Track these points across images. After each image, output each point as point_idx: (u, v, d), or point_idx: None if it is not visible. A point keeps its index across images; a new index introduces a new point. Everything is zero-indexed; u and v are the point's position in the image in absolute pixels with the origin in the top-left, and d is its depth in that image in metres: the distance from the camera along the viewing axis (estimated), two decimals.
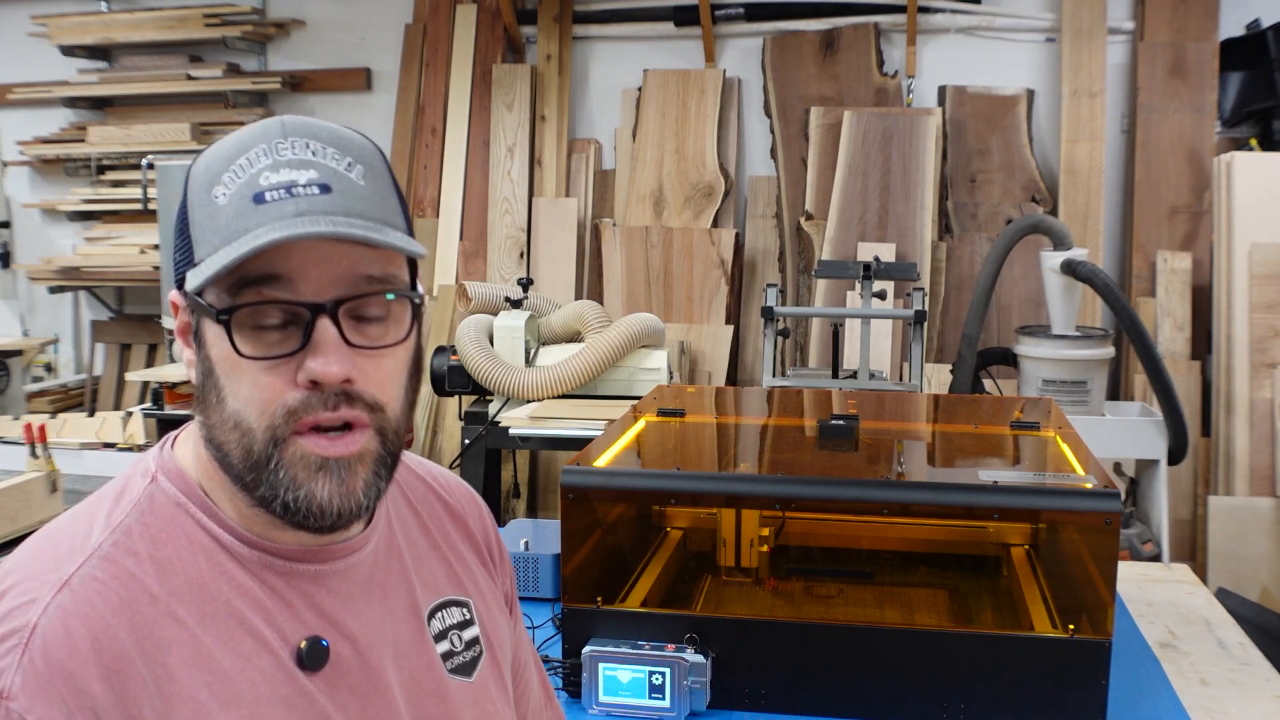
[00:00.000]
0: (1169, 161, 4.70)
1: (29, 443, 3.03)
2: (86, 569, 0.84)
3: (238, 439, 0.86)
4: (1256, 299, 4.04)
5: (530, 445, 3.76)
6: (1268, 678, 1.81)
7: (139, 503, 0.89)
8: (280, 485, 0.86)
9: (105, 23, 5.66)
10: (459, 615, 1.03)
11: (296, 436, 0.85)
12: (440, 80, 5.32)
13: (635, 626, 1.69)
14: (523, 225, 5.16)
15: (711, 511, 1.92)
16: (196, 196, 0.87)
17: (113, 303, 6.02)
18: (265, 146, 0.86)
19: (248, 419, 0.85)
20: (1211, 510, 3.95)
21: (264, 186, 0.84)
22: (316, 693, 0.89)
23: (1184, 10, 4.69)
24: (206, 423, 0.88)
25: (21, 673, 0.80)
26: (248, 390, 0.85)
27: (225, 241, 0.83)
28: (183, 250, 0.88)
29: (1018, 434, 2.07)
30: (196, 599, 0.87)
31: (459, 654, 1.02)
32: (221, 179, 0.85)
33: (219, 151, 0.88)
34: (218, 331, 0.85)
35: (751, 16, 5.10)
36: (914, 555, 1.98)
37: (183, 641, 0.85)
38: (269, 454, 0.85)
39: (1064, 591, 1.70)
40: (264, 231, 0.82)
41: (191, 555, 0.88)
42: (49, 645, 0.81)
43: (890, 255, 4.53)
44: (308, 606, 0.91)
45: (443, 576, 1.04)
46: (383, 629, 0.96)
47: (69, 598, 0.83)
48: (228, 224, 0.84)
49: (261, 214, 0.83)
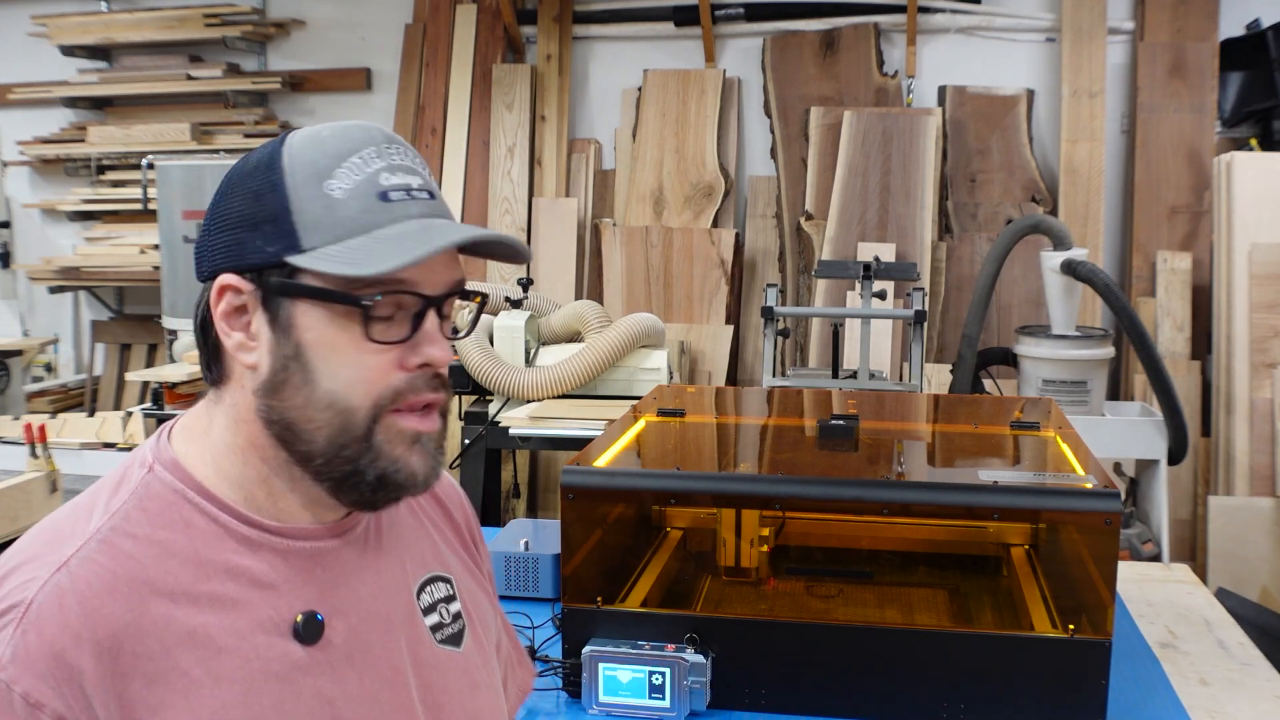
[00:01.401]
0: (1169, 161, 4.70)
1: (29, 443, 3.03)
2: (85, 551, 0.88)
3: (330, 418, 0.91)
4: (1256, 299, 4.04)
5: (530, 445, 3.76)
6: (1268, 678, 1.81)
7: (137, 490, 0.93)
8: (379, 458, 0.92)
9: (105, 23, 5.66)
10: (444, 590, 1.08)
11: (393, 414, 0.92)
12: (440, 80, 5.32)
13: (635, 626, 1.69)
14: (523, 225, 5.16)
15: (711, 511, 1.92)
16: (302, 187, 0.91)
17: (113, 303, 6.03)
18: (375, 150, 0.92)
19: (348, 399, 0.91)
20: (1211, 510, 3.95)
21: (386, 186, 0.91)
22: (312, 665, 0.93)
23: (1184, 10, 4.70)
24: (276, 405, 0.92)
25: (13, 646, 0.83)
26: (350, 372, 0.91)
27: (354, 233, 0.89)
28: (270, 236, 0.91)
29: (1018, 434, 2.07)
30: (193, 578, 0.90)
31: (447, 626, 1.06)
32: (334, 173, 0.91)
33: (319, 147, 0.92)
34: (326, 315, 0.90)
35: (751, 16, 5.10)
36: (914, 555, 1.98)
37: (178, 619, 0.88)
38: (369, 429, 0.91)
39: (1064, 591, 1.70)
40: (414, 227, 0.90)
41: (189, 538, 0.91)
42: (42, 621, 0.84)
43: (890, 255, 4.53)
44: (305, 583, 0.95)
45: (429, 554, 1.09)
46: (376, 603, 1.00)
47: (66, 577, 0.86)
48: (354, 217, 0.90)
49: (390, 211, 0.90)
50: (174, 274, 4.57)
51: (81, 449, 3.71)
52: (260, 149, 0.96)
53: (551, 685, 1.70)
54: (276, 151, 0.94)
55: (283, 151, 0.93)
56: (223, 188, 0.95)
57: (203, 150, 5.39)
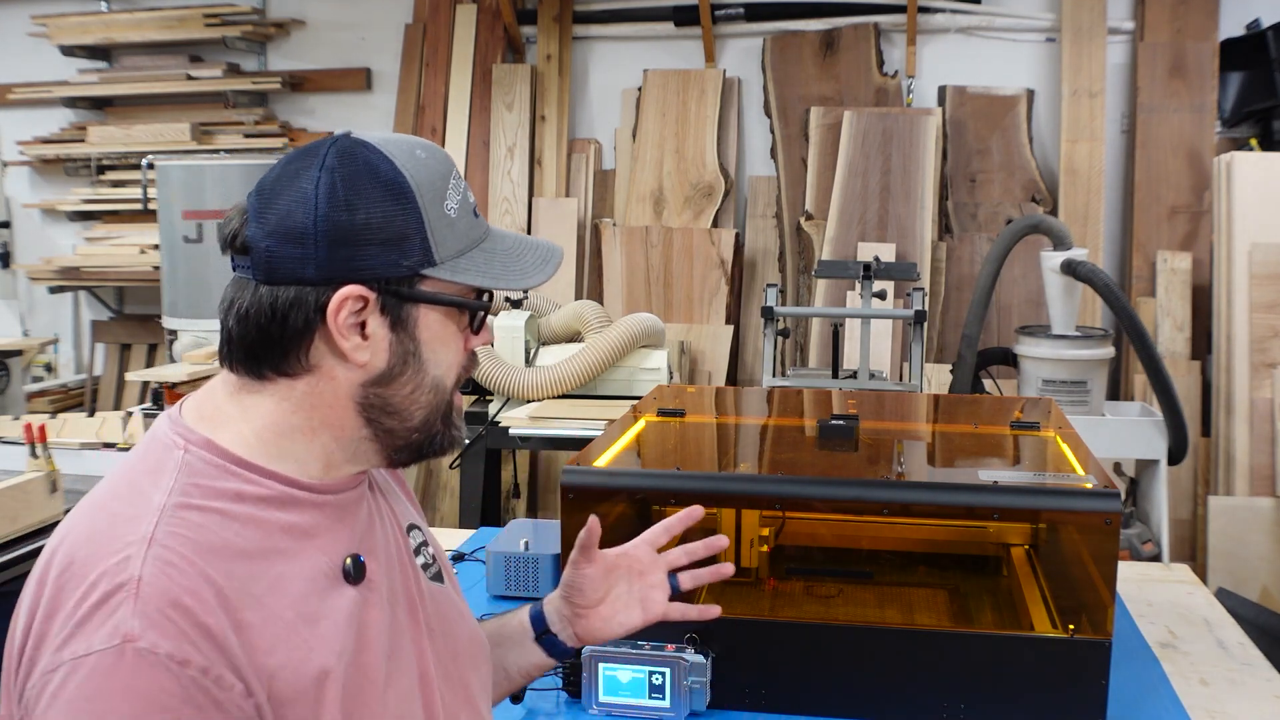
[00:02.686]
0: (1169, 161, 4.70)
1: (29, 443, 3.03)
2: (163, 525, 0.94)
3: (433, 398, 1.06)
4: (1256, 299, 4.04)
5: (530, 445, 3.76)
6: (1268, 678, 1.81)
7: (181, 469, 0.99)
8: (450, 428, 1.09)
9: (105, 23, 5.66)
10: (420, 536, 1.20)
11: (456, 392, 1.10)
12: (440, 80, 5.32)
13: None
14: (523, 225, 5.16)
15: (711, 511, 1.92)
16: (431, 207, 1.02)
17: (113, 303, 6.03)
18: (455, 171, 1.06)
19: (446, 381, 1.07)
20: (1211, 510, 3.95)
21: (472, 203, 1.08)
22: (364, 602, 1.03)
23: (1184, 10, 4.69)
24: (386, 391, 1.04)
25: (139, 617, 0.88)
26: (451, 358, 1.07)
27: (469, 246, 1.05)
28: (407, 250, 1.01)
29: (1018, 434, 2.07)
30: (257, 537, 0.97)
31: (431, 566, 1.19)
32: (446, 194, 1.04)
33: (428, 169, 1.03)
34: (440, 314, 1.04)
35: (751, 16, 5.10)
36: (914, 555, 1.98)
37: (259, 573, 0.96)
38: (449, 406, 1.09)
39: (1064, 591, 1.70)
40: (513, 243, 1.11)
41: (241, 505, 0.98)
42: (159, 589, 0.90)
43: (890, 255, 4.53)
44: (342, 529, 1.05)
45: (403, 504, 1.22)
46: (390, 544, 1.12)
47: (160, 550, 0.92)
48: (466, 232, 1.05)
49: (480, 225, 1.08)
50: (174, 274, 4.57)
51: (81, 449, 3.69)
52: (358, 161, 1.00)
53: (551, 685, 1.70)
54: (393, 169, 1.00)
55: (399, 170, 1.01)
56: (326, 201, 0.98)
57: (203, 150, 5.39)
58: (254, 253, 0.99)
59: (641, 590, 1.35)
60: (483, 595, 2.09)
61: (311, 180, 0.98)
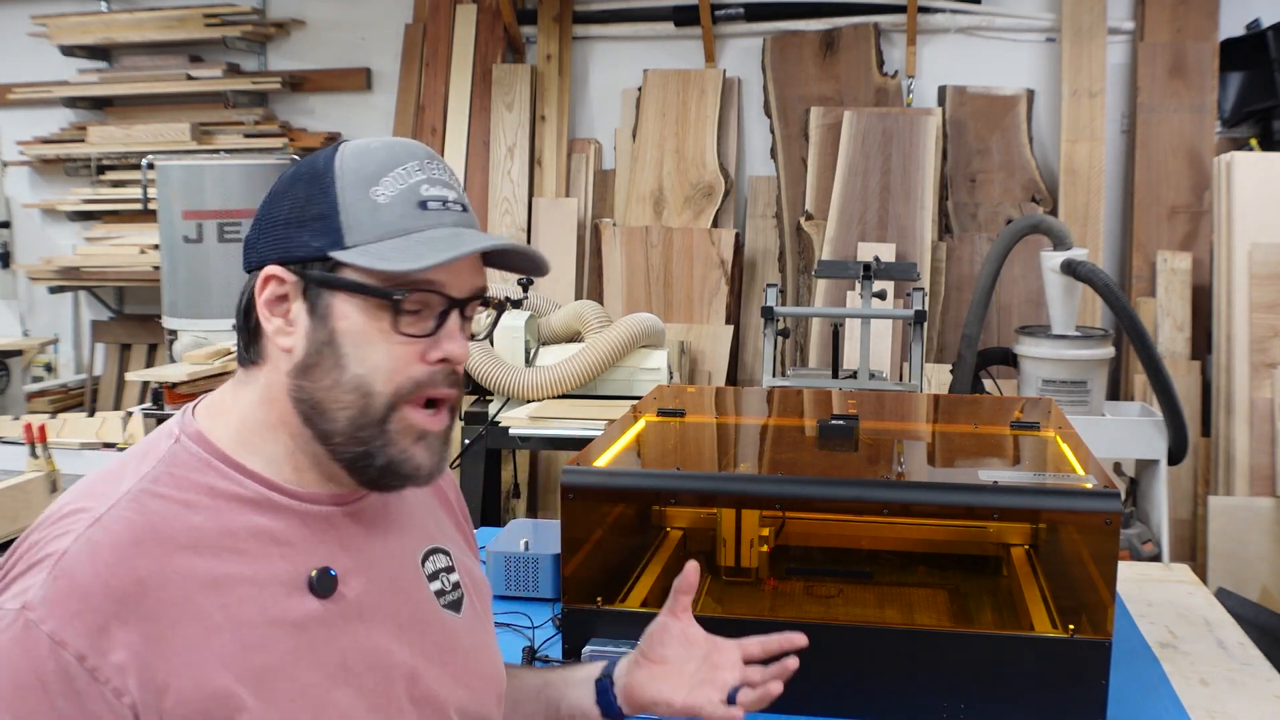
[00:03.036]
0: (1169, 161, 4.70)
1: (29, 443, 3.03)
2: (116, 509, 0.96)
3: (354, 400, 1.00)
4: (1256, 299, 4.04)
5: (530, 445, 3.76)
6: (1268, 678, 1.81)
7: (165, 458, 1.01)
8: (388, 445, 1.01)
9: (105, 23, 5.66)
10: (444, 561, 1.18)
11: (408, 406, 1.01)
12: (440, 80, 5.32)
13: (635, 626, 1.68)
14: (523, 225, 5.16)
15: (711, 511, 1.92)
16: (351, 190, 1.00)
17: (113, 303, 6.02)
18: (418, 163, 1.03)
19: (373, 384, 1.00)
20: (1211, 510, 3.95)
21: (425, 196, 1.01)
22: (326, 618, 1.01)
23: (1184, 10, 4.69)
24: (308, 385, 1.01)
25: (44, 589, 0.91)
26: (379, 359, 1.00)
27: (391, 234, 0.99)
28: (316, 231, 1.00)
29: (1018, 434, 2.07)
30: (216, 534, 0.98)
31: (449, 593, 1.16)
32: (380, 181, 1.01)
33: (367, 157, 1.02)
34: (360, 306, 0.99)
35: (751, 16, 5.10)
36: (914, 555, 1.98)
37: (200, 569, 0.95)
38: (385, 415, 1.01)
39: (1064, 591, 1.70)
40: (447, 234, 1.00)
41: (212, 499, 0.99)
42: (74, 569, 0.92)
43: (890, 255, 4.53)
44: (320, 543, 1.04)
45: (430, 527, 1.19)
46: (386, 567, 1.09)
47: (99, 531, 0.94)
48: (394, 221, 1.00)
49: (426, 218, 1.01)
50: (174, 274, 4.56)
51: (81, 449, 3.70)
52: (313, 156, 1.05)
53: None
54: (330, 158, 1.03)
55: (335, 159, 1.03)
56: (273, 190, 1.05)
57: (203, 150, 5.39)
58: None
59: (703, 675, 1.27)
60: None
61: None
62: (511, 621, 1.95)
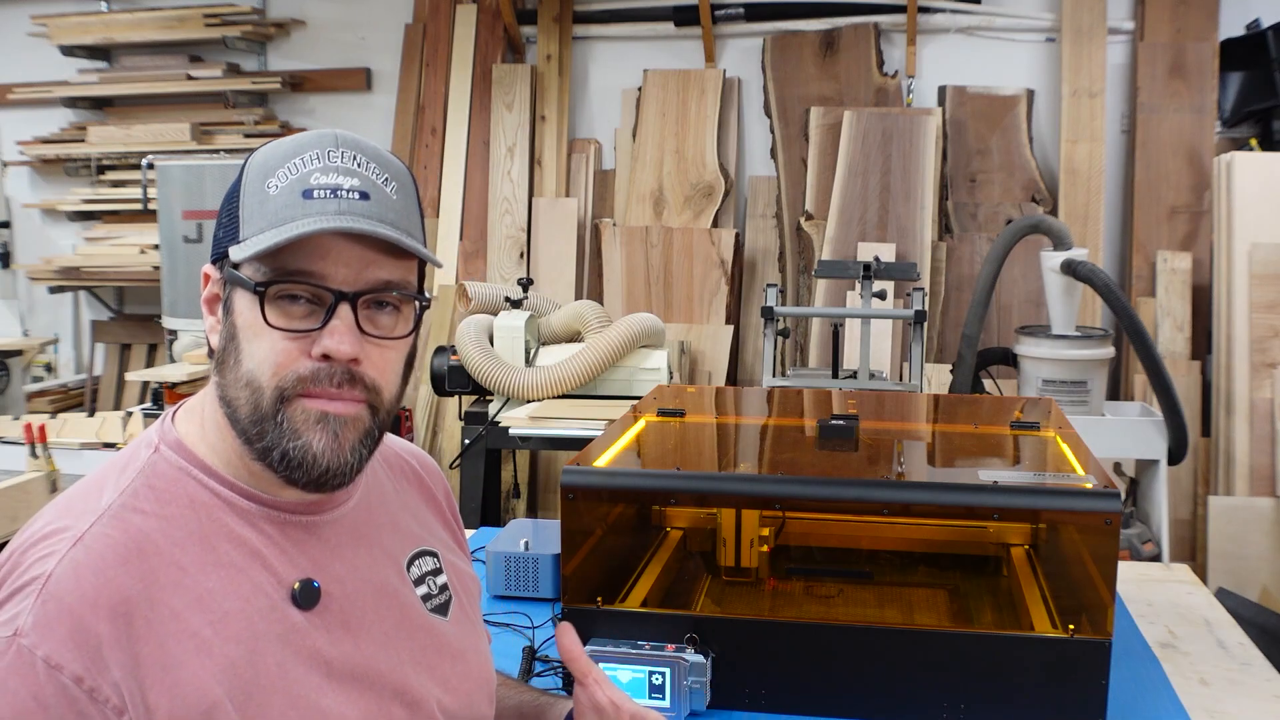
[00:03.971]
0: (1169, 161, 4.70)
1: (29, 443, 3.03)
2: (98, 526, 0.94)
3: (248, 396, 0.98)
4: (1256, 299, 4.04)
5: (530, 445, 3.76)
6: (1268, 678, 1.81)
7: (144, 469, 1.00)
8: (283, 436, 0.98)
9: (105, 23, 5.66)
10: (431, 564, 1.17)
11: (301, 397, 0.98)
12: (440, 80, 5.32)
13: (635, 626, 1.69)
14: (523, 225, 5.16)
15: (711, 511, 1.92)
16: (250, 184, 0.99)
17: (113, 303, 6.02)
18: (319, 152, 0.99)
19: (260, 378, 0.98)
20: (1211, 510, 3.95)
21: (313, 185, 0.97)
22: (310, 627, 1.00)
23: (1184, 10, 4.69)
24: (222, 381, 1.01)
25: (33, 614, 0.89)
26: (264, 353, 0.98)
27: (271, 225, 0.96)
28: (228, 228, 1.00)
29: (1018, 434, 2.07)
30: (199, 548, 0.97)
31: (435, 597, 1.16)
32: (276, 173, 0.98)
33: (277, 149, 1.01)
34: (249, 301, 0.98)
35: (751, 16, 5.10)
36: (914, 555, 1.98)
37: (186, 585, 0.95)
38: (275, 409, 0.98)
39: (1064, 591, 1.70)
40: (309, 222, 0.95)
41: (193, 512, 0.99)
42: (61, 592, 0.90)
43: (890, 255, 4.53)
44: (301, 553, 1.03)
45: (416, 529, 1.18)
46: (369, 573, 1.08)
47: (82, 551, 0.93)
48: (276, 211, 0.97)
49: (307, 207, 0.96)
50: (174, 274, 4.57)
51: (81, 449, 3.70)
52: None
53: (552, 685, 1.70)
54: (249, 155, 1.03)
55: (255, 151, 1.03)
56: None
57: (203, 150, 5.39)
58: None
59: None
60: (483, 595, 2.09)
61: None
62: (511, 621, 1.95)
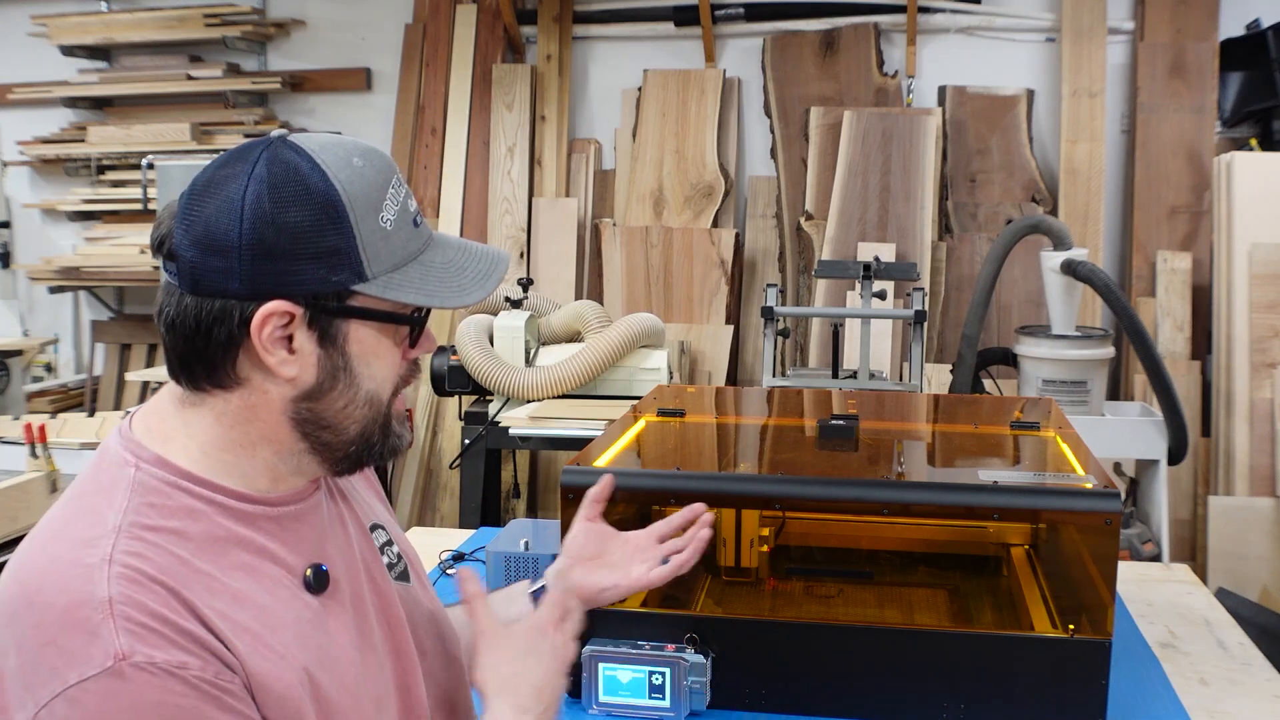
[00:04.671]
0: (1169, 161, 4.70)
1: (29, 443, 3.03)
2: (120, 545, 0.92)
3: (368, 413, 1.04)
4: (1256, 299, 4.04)
5: (530, 445, 3.76)
6: (1268, 678, 1.81)
7: (134, 488, 0.97)
8: (390, 436, 1.06)
9: (105, 23, 5.65)
10: (384, 535, 1.20)
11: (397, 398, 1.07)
12: (440, 80, 5.32)
13: (635, 626, 1.69)
14: (523, 225, 5.16)
15: (711, 511, 1.91)
16: (364, 222, 0.98)
17: (113, 303, 6.02)
18: (397, 178, 1.02)
19: (383, 395, 1.04)
20: (1211, 510, 3.95)
21: (413, 212, 1.03)
22: (327, 611, 1.03)
23: (1184, 10, 4.69)
24: (318, 406, 1.01)
25: (124, 634, 0.88)
26: (386, 372, 1.04)
27: (405, 260, 1.01)
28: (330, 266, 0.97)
29: (1018, 434, 2.07)
30: (214, 553, 0.97)
31: (396, 566, 1.19)
32: (383, 206, 1.00)
33: (365, 180, 0.98)
34: (371, 330, 1.01)
35: (751, 16, 5.10)
36: (914, 555, 1.98)
37: (218, 589, 0.95)
38: (389, 415, 1.06)
39: (1064, 591, 1.70)
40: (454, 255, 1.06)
41: (195, 521, 0.98)
42: (132, 604, 0.89)
43: (890, 255, 4.53)
44: (299, 541, 1.04)
45: (368, 504, 1.21)
46: (352, 550, 1.11)
47: (120, 569, 0.91)
48: (402, 245, 1.01)
49: (420, 236, 1.04)
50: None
51: (81, 449, 3.70)
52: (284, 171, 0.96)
53: None
54: (326, 183, 0.96)
55: (333, 184, 0.96)
56: (252, 213, 0.95)
57: (203, 150, 5.39)
58: (179, 261, 0.96)
59: (631, 558, 1.40)
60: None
61: (239, 189, 0.95)
62: None
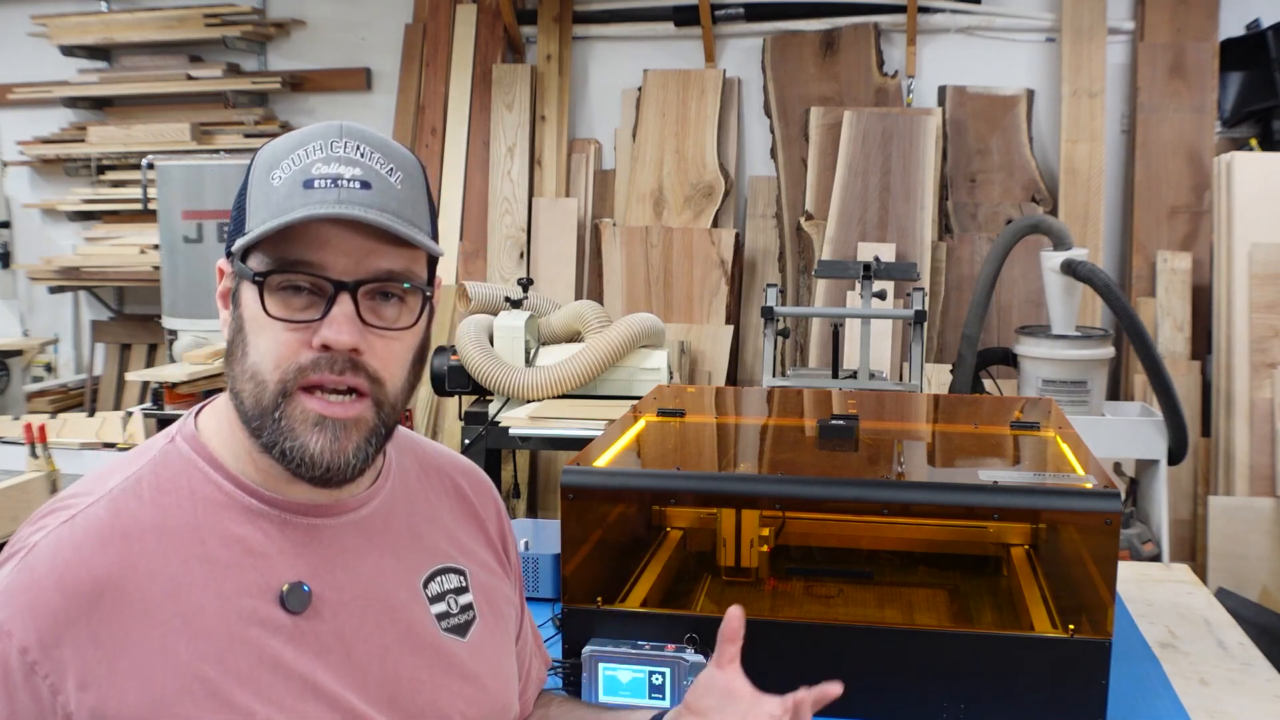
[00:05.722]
0: (1169, 161, 4.70)
1: (29, 443, 3.03)
2: (94, 508, 0.97)
3: (252, 389, 0.98)
4: (1256, 299, 4.04)
5: (530, 445, 3.76)
6: (1268, 678, 1.81)
7: (155, 458, 1.02)
8: (280, 434, 0.97)
9: (105, 23, 5.66)
10: (455, 582, 1.13)
11: (302, 393, 0.97)
12: (440, 80, 5.32)
13: (635, 626, 1.69)
14: (523, 225, 5.16)
15: (711, 511, 1.92)
16: (256, 176, 0.99)
17: (113, 303, 6.02)
18: (322, 143, 0.98)
19: (263, 371, 0.97)
20: (1211, 510, 3.95)
21: (314, 175, 0.97)
22: (296, 634, 0.98)
23: (1184, 10, 4.69)
24: (231, 374, 1.01)
25: (6, 580, 0.93)
26: (267, 345, 0.97)
27: (273, 216, 0.95)
28: (236, 222, 1.01)
29: (1018, 434, 2.07)
30: (188, 541, 0.97)
31: (454, 616, 1.11)
32: (280, 165, 0.98)
33: (285, 142, 1.01)
34: (252, 293, 0.97)
35: (751, 16, 5.10)
36: (914, 555, 1.98)
37: (164, 575, 0.95)
38: (276, 404, 0.97)
39: (1064, 591, 1.70)
40: (305, 210, 0.95)
41: (191, 504, 0.99)
42: (36, 564, 0.93)
43: (890, 255, 4.53)
44: (299, 555, 1.01)
45: (444, 544, 1.14)
46: (376, 584, 1.05)
47: (68, 529, 0.95)
48: (278, 202, 0.96)
49: (307, 197, 0.96)
50: (174, 274, 4.56)
51: (81, 449, 3.70)
52: None
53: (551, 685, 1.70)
54: (262, 147, 1.03)
55: (263, 146, 1.03)
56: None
57: (203, 150, 5.39)
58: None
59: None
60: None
61: None
62: None
